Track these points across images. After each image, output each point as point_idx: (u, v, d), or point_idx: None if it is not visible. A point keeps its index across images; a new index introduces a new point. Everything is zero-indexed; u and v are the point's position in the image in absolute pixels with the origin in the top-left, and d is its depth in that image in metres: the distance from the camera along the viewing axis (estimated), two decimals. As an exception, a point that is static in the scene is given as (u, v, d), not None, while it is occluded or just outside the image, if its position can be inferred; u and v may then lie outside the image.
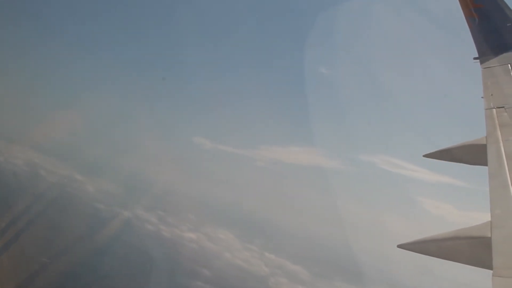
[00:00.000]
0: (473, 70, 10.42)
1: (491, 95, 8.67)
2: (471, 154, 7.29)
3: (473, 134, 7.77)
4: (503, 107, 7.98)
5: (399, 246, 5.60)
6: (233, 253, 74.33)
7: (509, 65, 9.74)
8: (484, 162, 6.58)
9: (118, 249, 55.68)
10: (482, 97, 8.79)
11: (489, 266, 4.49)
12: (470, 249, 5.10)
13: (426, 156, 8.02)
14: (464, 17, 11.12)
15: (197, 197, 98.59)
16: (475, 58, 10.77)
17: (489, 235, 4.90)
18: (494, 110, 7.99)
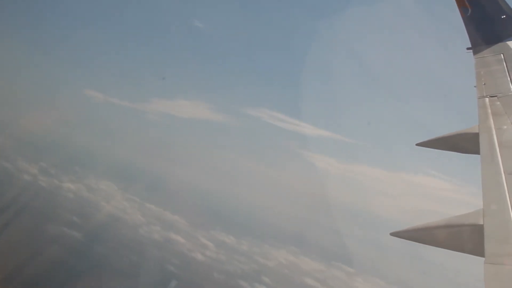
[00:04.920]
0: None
1: (484, 84, 8.67)
2: (464, 142, 7.29)
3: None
4: (496, 96, 7.98)
5: (392, 234, 5.60)
6: (111, 203, 72.98)
7: (501, 54, 9.74)
8: (476, 151, 6.58)
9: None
10: (475, 86, 8.79)
11: (481, 254, 4.49)
12: (462, 236, 5.10)
13: (418, 144, 8.00)
14: (457, 7, 11.10)
15: (87, 150, 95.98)
16: (468, 48, 10.78)
17: (481, 223, 4.90)
18: (486, 99, 7.99)
